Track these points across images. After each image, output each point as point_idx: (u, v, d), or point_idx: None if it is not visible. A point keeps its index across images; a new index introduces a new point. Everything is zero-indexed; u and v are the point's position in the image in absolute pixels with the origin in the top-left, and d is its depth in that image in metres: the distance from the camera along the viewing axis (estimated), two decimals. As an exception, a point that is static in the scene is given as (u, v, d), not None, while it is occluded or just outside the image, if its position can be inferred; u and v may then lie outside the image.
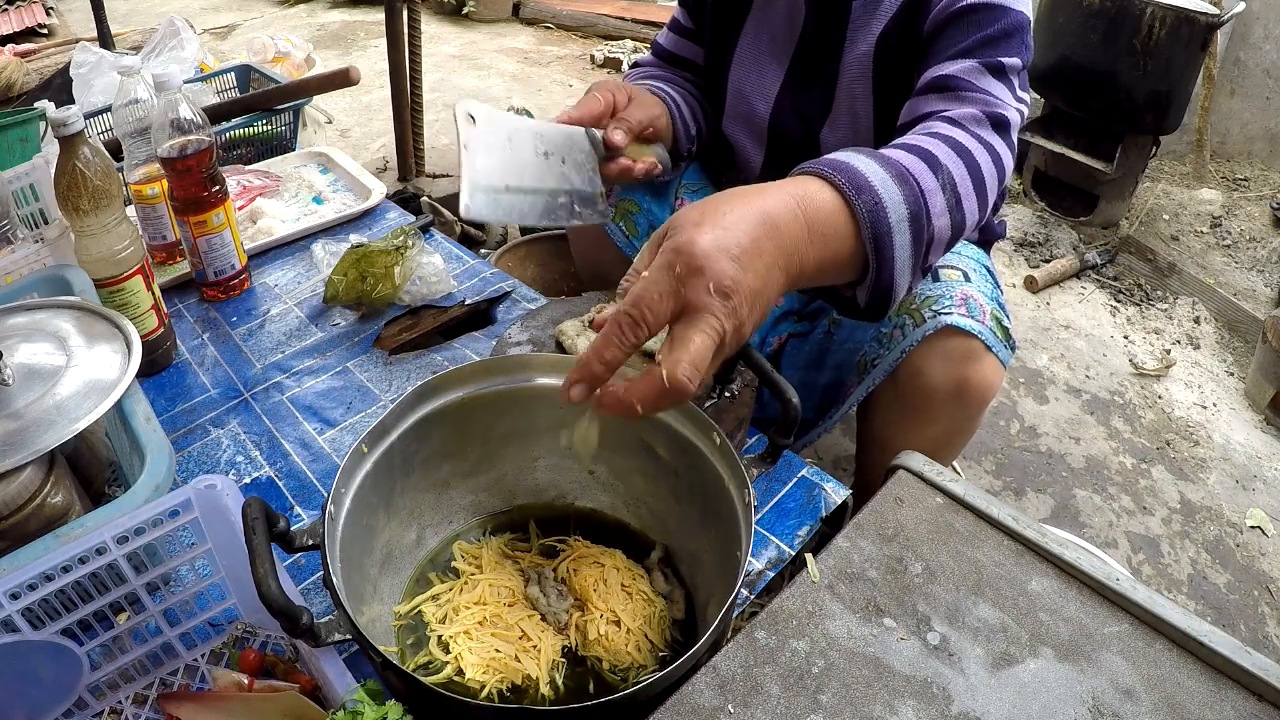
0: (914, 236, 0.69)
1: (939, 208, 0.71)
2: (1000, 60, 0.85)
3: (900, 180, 0.69)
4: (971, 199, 0.75)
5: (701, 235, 0.56)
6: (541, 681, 0.71)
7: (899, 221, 0.68)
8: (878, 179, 0.67)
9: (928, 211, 0.70)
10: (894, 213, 0.67)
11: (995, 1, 0.87)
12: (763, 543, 0.88)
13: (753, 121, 1.10)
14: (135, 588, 0.69)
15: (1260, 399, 1.87)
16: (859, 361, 1.03)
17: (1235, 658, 0.62)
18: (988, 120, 0.82)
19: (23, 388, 0.75)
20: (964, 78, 0.85)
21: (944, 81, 0.86)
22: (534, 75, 3.74)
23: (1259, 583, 1.47)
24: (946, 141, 0.76)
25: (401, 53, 1.81)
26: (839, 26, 0.98)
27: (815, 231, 0.63)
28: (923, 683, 0.62)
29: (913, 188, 0.69)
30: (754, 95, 1.09)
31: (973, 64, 0.85)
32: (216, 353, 1.18)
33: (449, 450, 0.82)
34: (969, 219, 0.76)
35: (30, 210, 1.27)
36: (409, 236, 1.24)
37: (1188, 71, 2.28)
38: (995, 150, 0.80)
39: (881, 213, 0.66)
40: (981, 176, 0.76)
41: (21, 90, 2.75)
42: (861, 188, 0.66)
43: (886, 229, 0.67)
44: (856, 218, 0.66)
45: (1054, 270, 2.29)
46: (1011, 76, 0.86)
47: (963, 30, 0.87)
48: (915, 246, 0.70)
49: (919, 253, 0.71)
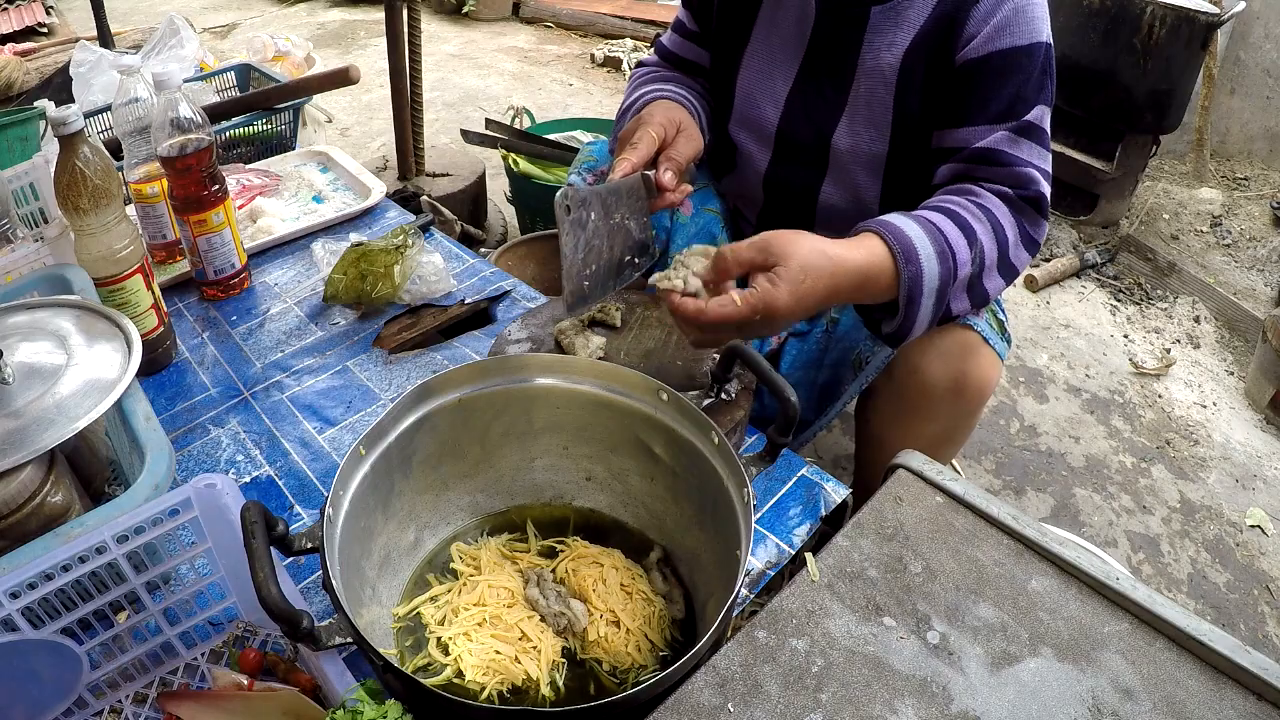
0: (936, 302, 0.85)
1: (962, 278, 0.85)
2: (1028, 121, 0.91)
3: (941, 258, 0.83)
4: (995, 277, 0.89)
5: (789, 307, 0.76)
6: (542, 682, 0.71)
7: (930, 292, 0.83)
8: (925, 254, 0.82)
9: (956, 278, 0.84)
10: (928, 284, 0.83)
11: (1025, 42, 0.90)
12: (762, 542, 0.88)
13: (761, 125, 1.09)
14: (135, 587, 0.69)
15: (1260, 398, 1.87)
16: (855, 360, 1.03)
17: (1235, 657, 0.62)
18: (1028, 204, 0.90)
19: (23, 386, 0.75)
20: (1000, 149, 0.91)
21: (982, 154, 0.92)
22: (534, 74, 3.74)
23: (1259, 582, 1.47)
24: (989, 220, 0.87)
25: (401, 52, 1.81)
26: (855, 29, 0.97)
27: (863, 291, 0.82)
28: (922, 682, 0.62)
29: (949, 265, 0.83)
30: (763, 99, 1.08)
31: (1003, 134, 0.91)
32: (216, 352, 1.18)
33: (447, 451, 0.82)
34: (991, 292, 0.90)
35: (30, 209, 1.27)
36: (409, 235, 1.24)
37: (1188, 71, 2.28)
38: (1028, 233, 0.91)
39: (919, 283, 0.82)
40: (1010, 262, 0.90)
41: (21, 89, 2.75)
42: (911, 259, 0.81)
43: (919, 294, 0.83)
44: (899, 280, 0.82)
45: (1054, 269, 2.29)
46: (1042, 126, 0.93)
47: (997, 84, 0.91)
48: (936, 310, 0.86)
49: (937, 313, 0.86)
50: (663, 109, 0.98)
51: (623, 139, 0.96)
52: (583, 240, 0.83)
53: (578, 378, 0.81)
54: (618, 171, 0.89)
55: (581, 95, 3.52)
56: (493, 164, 2.36)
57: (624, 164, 0.89)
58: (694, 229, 1.19)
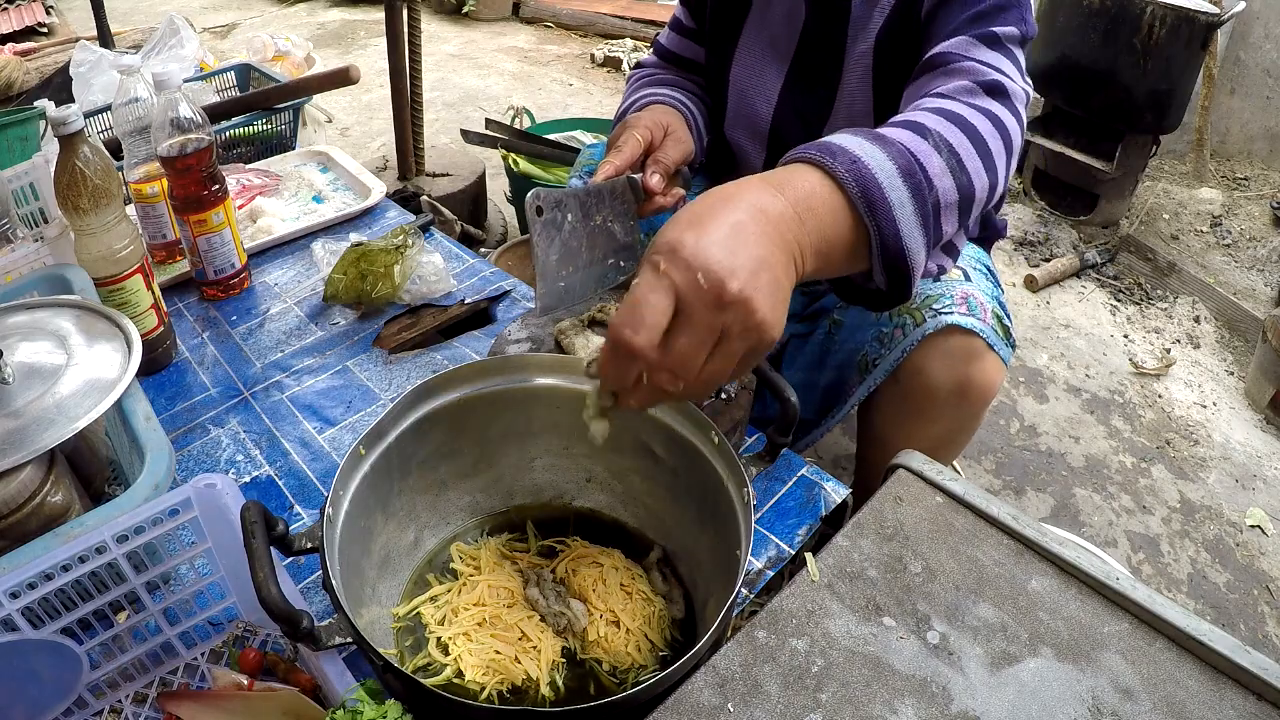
0: (913, 194, 0.64)
1: (937, 168, 0.67)
2: (993, 30, 0.81)
3: (879, 140, 0.65)
4: (975, 159, 0.71)
5: (685, 232, 0.54)
6: (542, 682, 0.71)
7: (889, 178, 0.63)
8: (853, 143, 0.64)
9: (923, 169, 0.66)
10: (880, 169, 0.63)
11: None
12: (762, 542, 0.88)
13: (755, 124, 1.09)
14: (135, 586, 0.69)
15: (1260, 398, 1.87)
16: (860, 361, 1.03)
17: (1235, 657, 0.62)
18: (981, 89, 0.77)
19: (23, 386, 0.75)
20: (954, 51, 0.81)
21: (933, 59, 0.82)
22: (534, 74, 3.74)
23: (1258, 582, 1.47)
24: (935, 111, 0.72)
25: (401, 52, 1.81)
26: (840, 25, 0.97)
27: (802, 207, 0.60)
28: (922, 682, 0.62)
29: (896, 147, 0.65)
30: (756, 97, 1.08)
31: (963, 38, 0.82)
32: (216, 352, 1.18)
33: (446, 451, 0.82)
34: (977, 180, 0.71)
35: (30, 209, 1.27)
36: (409, 235, 1.24)
37: (1188, 71, 2.28)
38: (993, 114, 0.75)
39: (864, 169, 0.62)
40: (981, 138, 0.72)
41: (21, 89, 2.75)
42: (836, 152, 0.63)
43: (875, 185, 0.63)
44: (841, 183, 0.62)
45: (1054, 269, 2.29)
46: (1010, 45, 0.82)
47: (953, 10, 0.85)
48: (918, 204, 0.65)
49: (925, 213, 0.65)
50: (651, 113, 0.98)
51: (609, 143, 0.95)
52: (558, 242, 0.82)
53: (578, 378, 0.81)
54: (600, 174, 0.88)
55: (581, 95, 3.52)
56: (493, 164, 2.36)
57: (607, 167, 0.89)
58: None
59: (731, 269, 0.52)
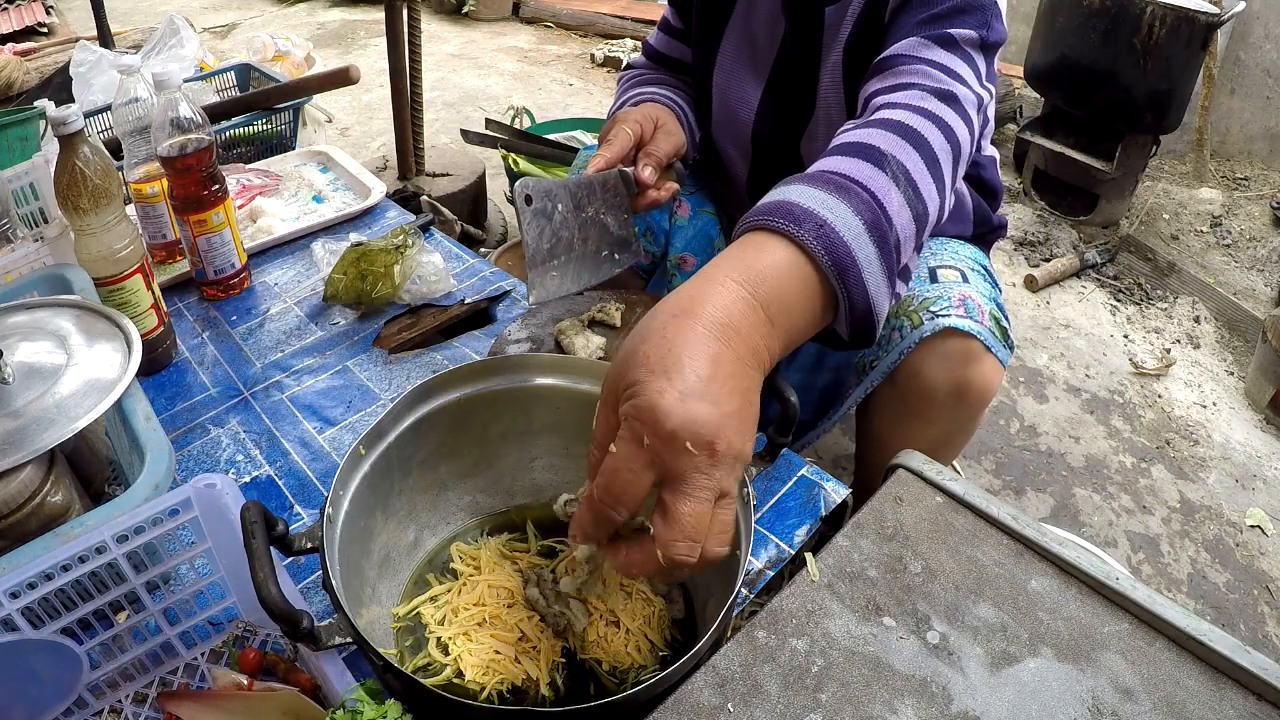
0: (879, 247, 0.62)
1: (896, 204, 0.64)
2: (948, 32, 0.79)
3: (841, 192, 0.62)
4: (929, 182, 0.68)
5: (662, 394, 0.49)
6: (541, 682, 0.71)
7: (856, 237, 0.60)
8: (816, 201, 0.61)
9: (885, 213, 0.63)
10: (847, 230, 0.60)
11: None
12: (762, 542, 0.88)
13: (737, 130, 1.09)
14: (135, 586, 0.69)
15: (1260, 398, 1.87)
16: (858, 363, 1.03)
17: (1235, 657, 0.62)
18: (931, 94, 0.75)
19: (23, 386, 0.75)
20: (905, 52, 0.79)
21: (885, 60, 0.80)
22: (534, 74, 3.74)
23: (1258, 582, 1.47)
24: (887, 126, 0.69)
25: (401, 52, 1.81)
26: (815, 35, 0.97)
27: (774, 308, 0.56)
28: (922, 682, 0.62)
29: (858, 196, 0.62)
30: (737, 103, 1.07)
31: (915, 39, 0.80)
32: (216, 352, 1.18)
33: (446, 451, 0.82)
34: (930, 204, 0.68)
35: (30, 209, 1.27)
36: (409, 235, 1.24)
37: (1188, 71, 2.28)
38: (944, 122, 0.72)
39: (832, 234, 0.59)
40: (934, 154, 0.69)
41: (21, 89, 2.75)
42: (801, 217, 0.59)
43: (845, 250, 0.60)
44: (811, 255, 0.59)
45: (1054, 269, 2.29)
46: (968, 48, 0.80)
47: (911, 12, 0.83)
48: (883, 257, 0.62)
49: (890, 263, 0.63)
50: (641, 109, 0.98)
51: (601, 138, 0.96)
52: (548, 231, 0.83)
53: (578, 378, 0.81)
54: (591, 167, 0.89)
55: (581, 95, 3.52)
56: (493, 164, 2.36)
57: (598, 160, 0.89)
58: (692, 231, 1.19)
59: (718, 427, 0.50)
